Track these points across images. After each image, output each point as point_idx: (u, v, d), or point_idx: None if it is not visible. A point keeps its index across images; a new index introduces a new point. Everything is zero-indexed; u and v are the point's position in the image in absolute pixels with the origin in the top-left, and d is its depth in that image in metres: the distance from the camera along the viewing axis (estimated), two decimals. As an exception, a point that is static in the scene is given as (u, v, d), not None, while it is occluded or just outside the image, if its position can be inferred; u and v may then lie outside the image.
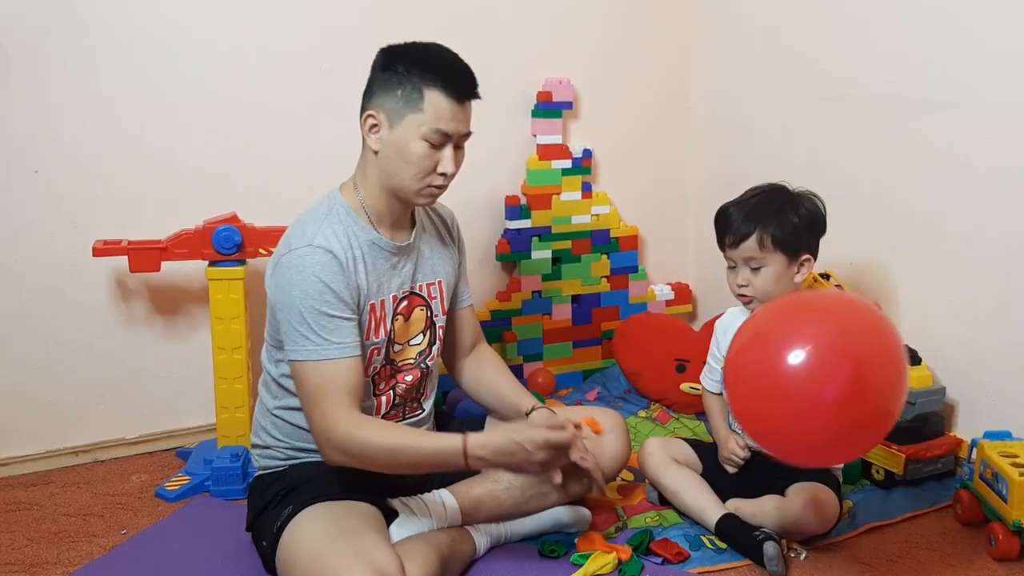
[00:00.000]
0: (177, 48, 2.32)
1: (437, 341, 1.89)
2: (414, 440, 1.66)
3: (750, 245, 1.89)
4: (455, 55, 1.73)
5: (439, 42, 1.76)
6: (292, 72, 2.40)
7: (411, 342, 1.84)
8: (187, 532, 1.98)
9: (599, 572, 1.75)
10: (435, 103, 1.65)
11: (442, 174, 1.70)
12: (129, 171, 2.32)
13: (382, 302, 1.76)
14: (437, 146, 1.68)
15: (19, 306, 2.27)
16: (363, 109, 1.72)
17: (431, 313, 1.87)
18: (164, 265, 2.23)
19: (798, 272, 1.92)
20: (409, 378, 1.84)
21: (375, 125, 1.70)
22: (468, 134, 1.74)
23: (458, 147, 1.73)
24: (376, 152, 1.71)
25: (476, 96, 1.72)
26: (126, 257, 2.21)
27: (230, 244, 2.19)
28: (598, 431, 1.65)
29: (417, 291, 1.84)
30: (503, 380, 1.98)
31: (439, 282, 1.89)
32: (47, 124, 2.23)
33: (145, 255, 2.21)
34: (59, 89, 2.23)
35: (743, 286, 1.93)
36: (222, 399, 2.25)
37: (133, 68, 2.29)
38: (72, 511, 2.10)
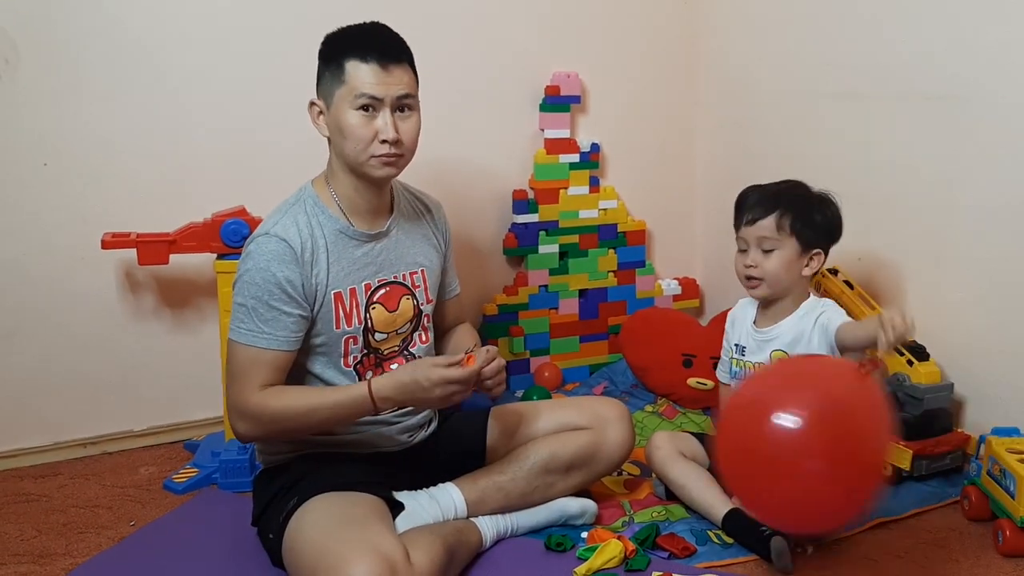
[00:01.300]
0: (186, 41, 2.33)
1: (420, 329, 1.90)
2: (323, 397, 1.71)
3: (767, 224, 1.90)
4: (380, 26, 1.76)
5: (406, 30, 1.78)
6: (299, 66, 2.39)
7: (399, 331, 1.85)
8: (195, 524, 1.98)
9: (605, 565, 1.75)
10: (354, 71, 1.70)
11: (384, 141, 1.70)
12: (138, 164, 2.32)
13: (351, 291, 1.77)
14: (370, 114, 1.70)
15: (28, 298, 2.28)
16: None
17: (417, 302, 1.88)
18: (172, 258, 2.24)
19: (807, 265, 1.93)
20: (395, 366, 1.84)
21: (320, 112, 1.75)
22: (406, 96, 1.73)
23: (400, 110, 1.73)
24: (328, 139, 1.76)
25: (397, 58, 1.72)
26: (135, 250, 2.21)
27: (238, 237, 2.19)
28: (470, 361, 1.69)
29: (400, 280, 1.84)
30: (462, 333, 2.03)
31: (422, 271, 1.90)
32: (56, 117, 2.24)
33: (153, 248, 2.21)
34: (68, 82, 2.23)
35: (751, 267, 1.93)
36: (230, 392, 2.26)
37: (141, 61, 2.29)
38: (80, 503, 2.11)
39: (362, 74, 1.69)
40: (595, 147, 2.83)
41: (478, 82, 2.64)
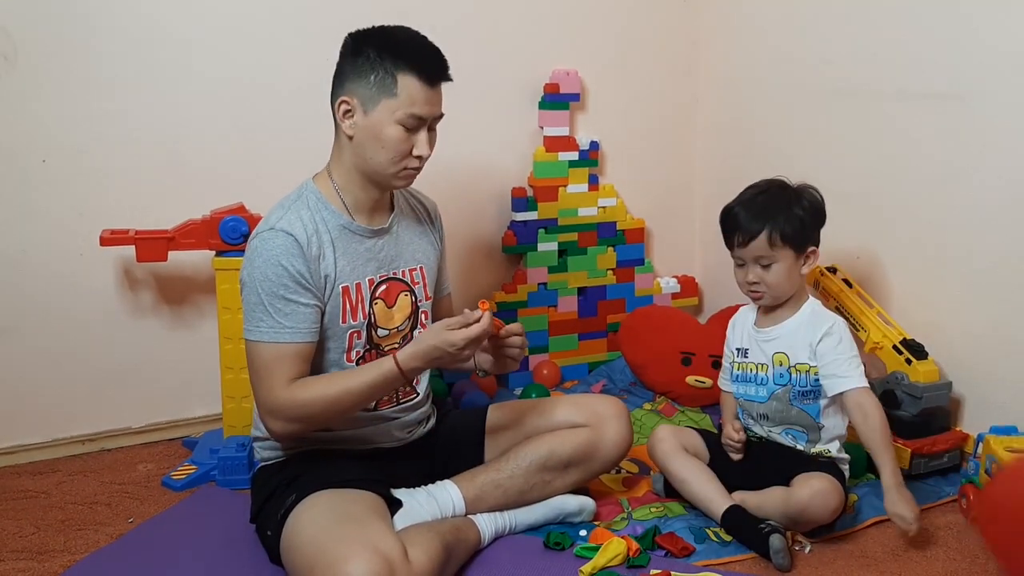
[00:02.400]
0: (185, 38, 2.32)
1: (419, 326, 1.89)
2: (352, 380, 1.69)
3: (760, 243, 1.90)
4: (425, 38, 1.75)
5: (412, 28, 1.77)
6: (300, 62, 2.40)
7: (399, 328, 1.85)
8: (193, 521, 1.98)
9: (609, 563, 1.75)
10: (408, 88, 1.68)
11: (418, 157, 1.72)
12: (137, 161, 2.32)
13: (357, 285, 1.77)
14: (412, 130, 1.70)
15: (27, 295, 2.28)
16: (335, 95, 1.74)
17: (415, 299, 1.88)
18: (171, 255, 2.24)
19: (804, 264, 1.94)
20: None
21: (349, 111, 1.72)
22: (441, 116, 1.76)
23: (431, 129, 1.75)
24: (351, 137, 1.73)
25: (448, 79, 1.74)
26: (133, 247, 2.21)
27: (237, 234, 2.20)
28: (483, 307, 1.71)
29: (399, 276, 1.84)
30: None
31: (420, 268, 1.90)
32: (55, 113, 2.23)
33: (152, 245, 2.21)
34: (67, 78, 2.23)
35: (755, 283, 1.94)
36: (228, 389, 2.26)
37: (141, 58, 2.29)
38: (79, 499, 2.11)
39: (415, 92, 1.68)
40: (594, 145, 2.83)
41: (477, 79, 2.63)
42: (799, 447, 1.96)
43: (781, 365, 1.94)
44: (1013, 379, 2.14)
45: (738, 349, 2.05)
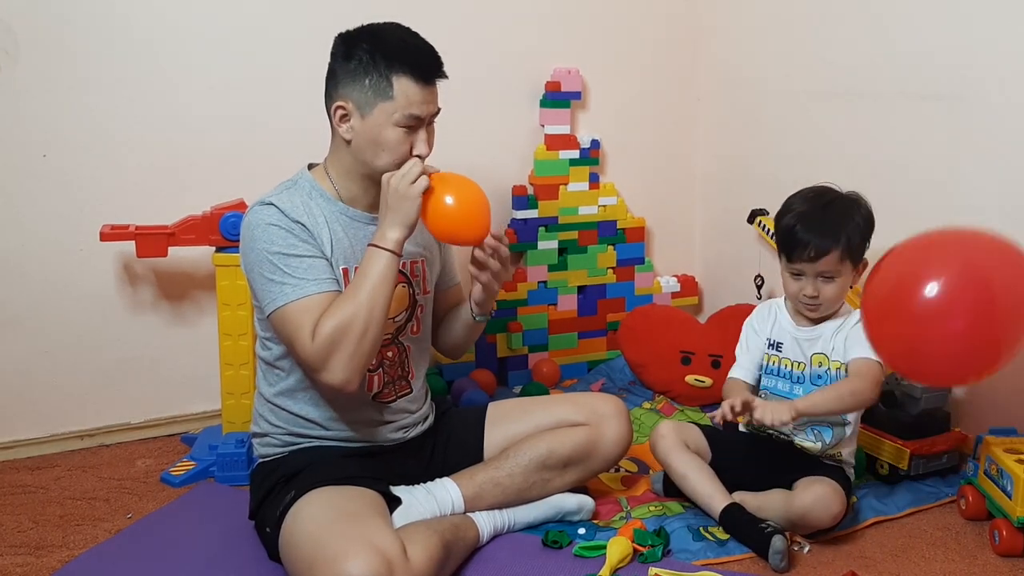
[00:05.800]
0: (186, 34, 2.32)
1: (414, 319, 1.89)
2: (367, 281, 1.64)
3: (831, 259, 1.86)
4: (417, 36, 1.75)
5: (408, 24, 1.76)
6: (301, 59, 2.39)
7: (395, 319, 1.84)
8: (192, 517, 1.98)
9: (620, 564, 1.75)
10: (404, 89, 1.67)
11: (417, 156, 1.72)
12: (137, 156, 2.32)
13: (356, 269, 1.74)
14: (410, 130, 1.70)
15: (26, 290, 2.27)
16: (329, 99, 1.73)
17: (413, 291, 1.87)
18: (171, 251, 2.24)
19: (859, 276, 1.93)
20: (390, 354, 1.84)
21: (345, 115, 1.71)
22: (438, 111, 1.76)
23: (428, 125, 1.75)
24: (348, 141, 1.73)
25: (443, 75, 1.74)
26: (133, 242, 2.21)
27: (237, 230, 2.18)
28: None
29: (400, 268, 1.83)
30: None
31: (422, 261, 1.89)
32: (56, 108, 2.23)
33: (152, 240, 2.21)
34: (68, 74, 2.23)
35: (814, 296, 1.90)
36: (228, 385, 2.26)
37: (141, 54, 2.29)
38: (77, 495, 2.11)
39: (412, 93, 1.68)
40: (595, 143, 2.83)
41: (479, 78, 2.64)
42: (817, 445, 1.94)
43: (820, 366, 1.93)
44: (1012, 380, 2.13)
45: (770, 340, 2.01)
